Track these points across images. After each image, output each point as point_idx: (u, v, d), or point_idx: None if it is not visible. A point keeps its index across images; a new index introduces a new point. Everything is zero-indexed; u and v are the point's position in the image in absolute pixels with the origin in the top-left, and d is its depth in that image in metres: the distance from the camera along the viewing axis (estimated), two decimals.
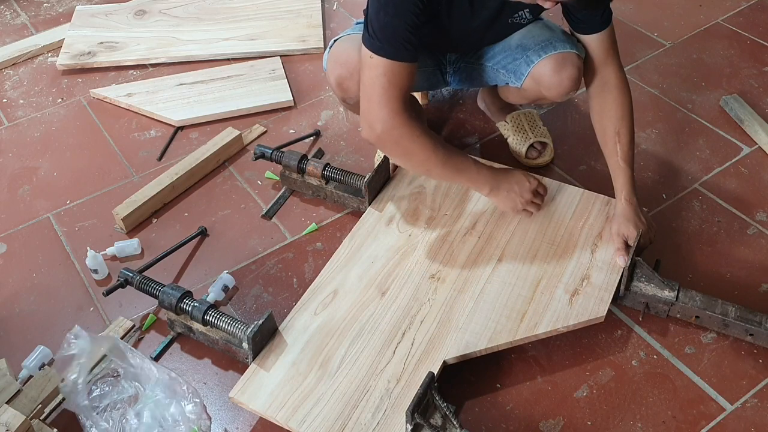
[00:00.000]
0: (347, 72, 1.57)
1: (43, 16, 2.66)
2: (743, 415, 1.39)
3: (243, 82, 2.23)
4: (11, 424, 1.28)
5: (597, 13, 1.51)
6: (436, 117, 2.08)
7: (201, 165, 1.93)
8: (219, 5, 2.56)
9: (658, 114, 2.06)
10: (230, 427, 1.43)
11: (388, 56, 1.39)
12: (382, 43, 1.39)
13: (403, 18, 1.38)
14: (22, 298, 1.69)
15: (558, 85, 1.59)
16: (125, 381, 1.43)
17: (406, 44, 1.39)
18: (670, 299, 1.49)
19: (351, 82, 1.57)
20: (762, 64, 2.20)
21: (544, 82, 1.60)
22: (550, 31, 1.62)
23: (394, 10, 1.38)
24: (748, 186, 1.83)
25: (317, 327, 1.46)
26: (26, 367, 1.49)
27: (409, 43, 1.40)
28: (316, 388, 1.36)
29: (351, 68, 1.55)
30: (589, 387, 1.45)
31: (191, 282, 1.69)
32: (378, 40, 1.39)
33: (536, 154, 1.90)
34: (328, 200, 1.84)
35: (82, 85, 2.31)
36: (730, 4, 2.45)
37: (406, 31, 1.39)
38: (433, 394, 1.30)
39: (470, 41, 1.68)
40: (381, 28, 1.38)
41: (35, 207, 1.92)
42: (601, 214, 1.64)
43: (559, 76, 1.57)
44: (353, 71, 1.54)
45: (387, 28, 1.38)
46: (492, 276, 1.53)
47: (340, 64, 1.58)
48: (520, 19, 1.60)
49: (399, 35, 1.38)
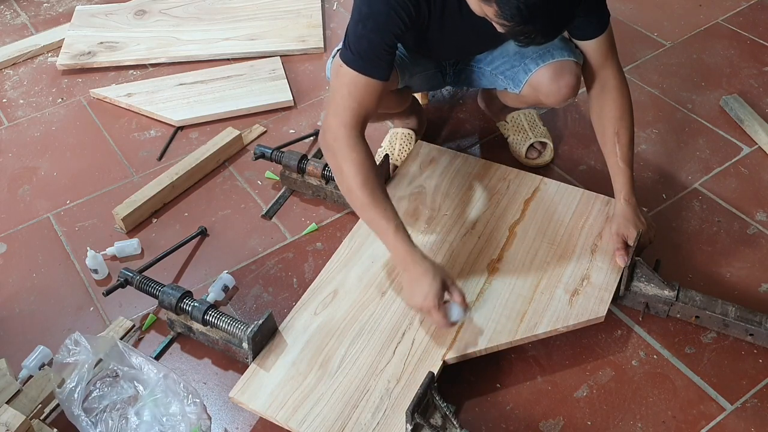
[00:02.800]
0: None
1: (43, 16, 2.66)
2: (743, 415, 1.39)
3: (243, 82, 2.23)
4: (11, 424, 1.29)
5: (593, 19, 1.51)
6: (436, 117, 2.08)
7: (201, 165, 1.93)
8: (219, 5, 2.56)
9: (658, 114, 2.06)
10: (230, 427, 1.43)
11: (357, 69, 1.38)
12: (354, 56, 1.37)
13: (382, 36, 1.37)
14: (22, 298, 1.69)
15: (556, 93, 1.59)
16: (125, 381, 1.43)
17: (378, 61, 1.38)
18: (670, 299, 1.49)
19: None
20: (762, 64, 2.20)
21: (543, 90, 1.60)
22: None
23: (374, 26, 1.36)
24: (748, 186, 1.83)
25: (317, 327, 1.46)
26: (26, 367, 1.49)
27: (381, 60, 1.38)
28: (316, 388, 1.36)
29: None
30: (589, 387, 1.45)
31: (191, 282, 1.69)
32: (351, 52, 1.38)
33: (536, 154, 1.90)
34: (328, 200, 1.84)
35: (82, 85, 2.31)
36: (730, 4, 2.45)
37: (381, 49, 1.37)
38: (433, 394, 1.30)
39: (465, 50, 1.69)
40: (356, 40, 1.37)
41: (35, 207, 1.92)
42: (601, 214, 1.64)
43: (557, 85, 1.57)
44: None
45: (362, 41, 1.36)
46: (492, 276, 1.53)
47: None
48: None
49: (373, 52, 1.37)
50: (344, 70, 1.39)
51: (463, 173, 1.76)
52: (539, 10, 1.15)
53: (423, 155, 1.82)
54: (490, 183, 1.74)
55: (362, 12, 1.37)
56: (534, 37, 1.22)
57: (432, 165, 1.79)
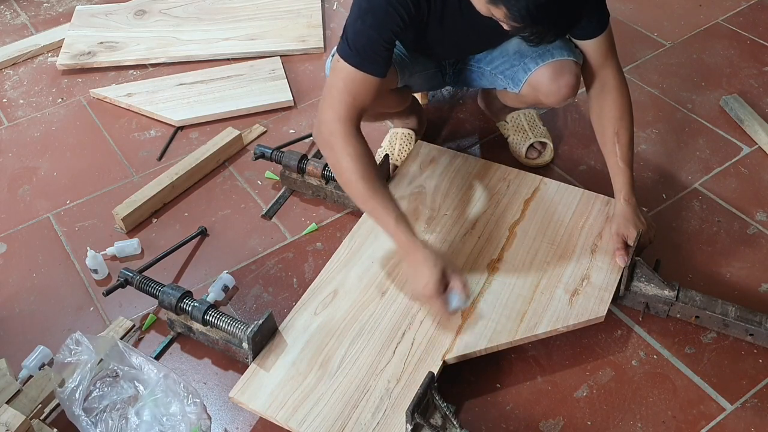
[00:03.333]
0: None
1: (43, 16, 2.66)
2: (743, 415, 1.39)
3: (243, 82, 2.23)
4: (11, 424, 1.29)
5: (593, 19, 1.51)
6: (436, 117, 2.08)
7: (201, 165, 1.93)
8: (219, 5, 2.57)
9: (658, 114, 2.06)
10: (230, 427, 1.43)
11: (354, 65, 1.38)
12: (352, 51, 1.38)
13: (381, 33, 1.37)
14: (22, 298, 1.69)
15: (556, 92, 1.59)
16: (125, 381, 1.43)
17: (376, 57, 1.38)
18: (670, 299, 1.49)
19: None
20: (762, 64, 2.20)
21: (542, 90, 1.60)
22: None
23: (373, 22, 1.36)
24: (748, 186, 1.83)
25: (317, 327, 1.46)
26: (26, 367, 1.49)
27: (379, 56, 1.38)
28: (316, 388, 1.36)
29: None
30: (589, 387, 1.45)
31: (191, 282, 1.69)
32: (349, 47, 1.38)
33: (536, 154, 1.90)
34: (328, 200, 1.84)
35: (82, 85, 2.31)
36: (730, 4, 2.45)
37: (379, 45, 1.37)
38: (433, 394, 1.30)
39: (465, 49, 1.69)
40: (355, 35, 1.37)
41: (35, 207, 1.92)
42: (601, 214, 1.64)
43: (557, 84, 1.57)
44: None
45: (361, 37, 1.37)
46: (492, 276, 1.53)
47: None
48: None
49: (371, 48, 1.37)
50: (341, 65, 1.40)
51: (463, 173, 1.76)
52: (548, 10, 1.16)
53: (423, 155, 1.82)
54: (490, 183, 1.74)
55: (362, 7, 1.37)
56: (543, 36, 1.22)
57: (432, 165, 1.79)
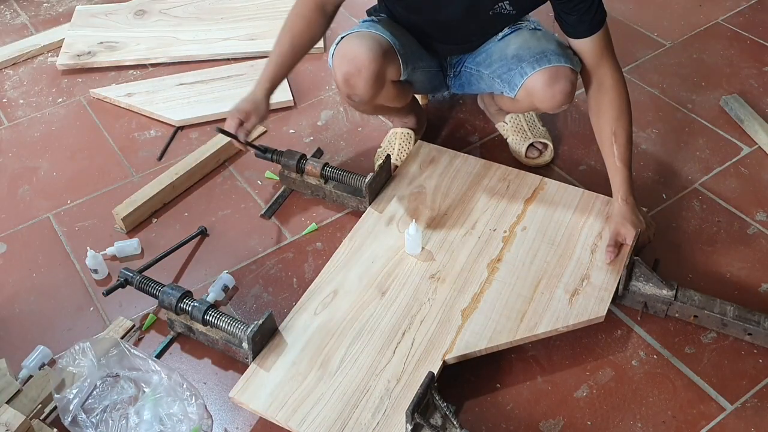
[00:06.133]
0: (355, 68, 1.56)
1: (43, 16, 2.66)
2: (743, 415, 1.39)
3: (243, 82, 2.23)
4: (11, 424, 1.29)
5: (587, 18, 1.52)
6: (436, 117, 2.08)
7: (201, 165, 1.93)
8: (219, 5, 2.56)
9: (658, 114, 2.06)
10: (230, 427, 1.43)
11: None
12: None
13: None
14: (22, 298, 1.69)
15: (550, 98, 1.59)
16: (125, 381, 1.43)
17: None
18: (669, 298, 1.49)
19: (358, 78, 1.56)
20: (762, 64, 2.20)
21: (537, 95, 1.60)
22: (547, 42, 1.62)
23: None
24: (748, 186, 1.83)
25: (317, 327, 1.46)
26: (26, 367, 1.49)
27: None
28: (316, 388, 1.36)
29: (359, 65, 1.55)
30: (589, 387, 1.45)
31: (191, 282, 1.69)
32: None
33: (536, 154, 1.90)
34: (327, 200, 1.84)
35: (82, 85, 2.31)
36: (730, 4, 2.45)
37: None
38: (433, 394, 1.31)
39: (456, 33, 1.68)
40: None
41: (35, 207, 1.92)
42: (601, 214, 1.64)
43: (552, 90, 1.57)
44: (361, 68, 1.54)
45: None
46: (492, 276, 1.53)
47: (348, 60, 1.57)
48: (500, 10, 1.60)
49: None
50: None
51: (463, 173, 1.76)
52: None
53: (423, 155, 1.82)
54: (490, 183, 1.74)
55: None
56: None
57: (432, 165, 1.79)
